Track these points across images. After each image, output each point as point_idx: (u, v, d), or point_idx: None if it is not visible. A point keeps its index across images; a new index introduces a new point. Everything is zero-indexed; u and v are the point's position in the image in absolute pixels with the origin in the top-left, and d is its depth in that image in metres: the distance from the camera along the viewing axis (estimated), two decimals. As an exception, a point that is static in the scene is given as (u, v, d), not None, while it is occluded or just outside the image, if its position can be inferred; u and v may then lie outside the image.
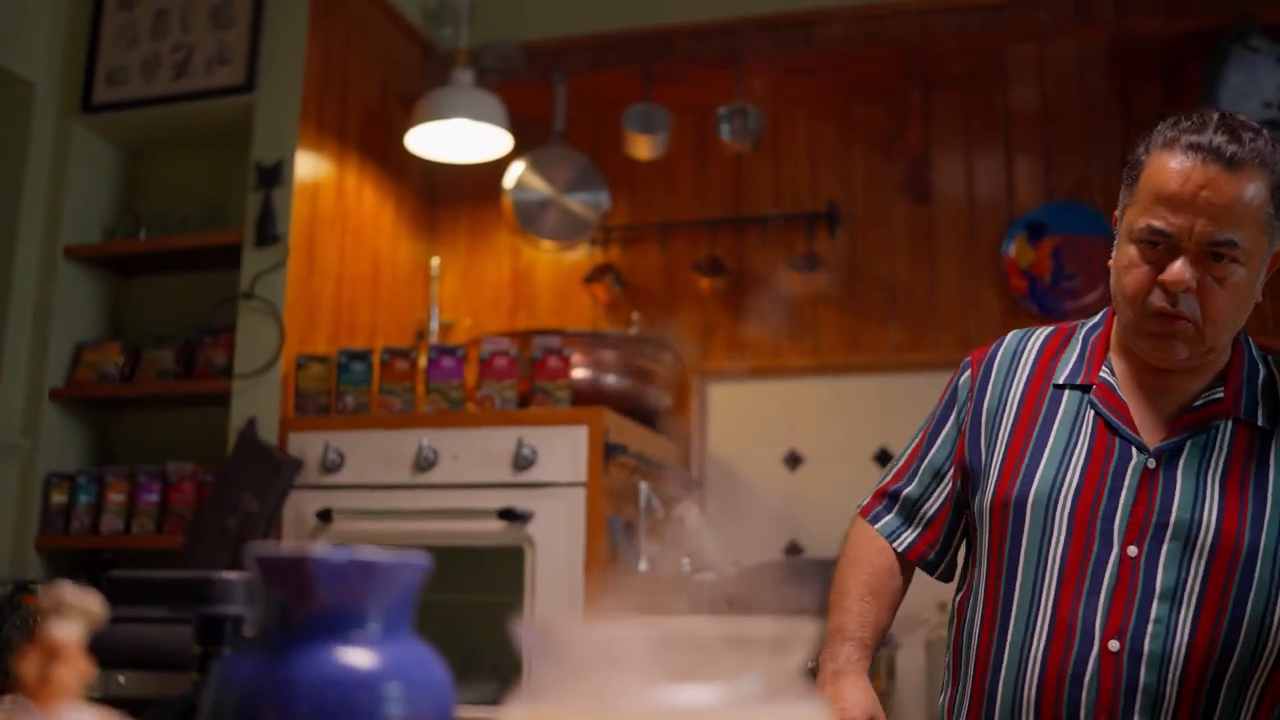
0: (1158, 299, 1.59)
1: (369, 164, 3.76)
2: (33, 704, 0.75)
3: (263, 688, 0.84)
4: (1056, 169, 3.67)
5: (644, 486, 3.13)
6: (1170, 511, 1.59)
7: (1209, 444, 1.63)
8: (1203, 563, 1.57)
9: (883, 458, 3.54)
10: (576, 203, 3.89)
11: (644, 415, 3.38)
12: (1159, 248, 1.58)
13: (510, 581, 2.95)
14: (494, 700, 3.07)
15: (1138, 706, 1.56)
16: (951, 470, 1.81)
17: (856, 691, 1.69)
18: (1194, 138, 1.57)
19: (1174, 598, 1.56)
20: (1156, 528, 1.59)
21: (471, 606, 3.06)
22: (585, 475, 2.94)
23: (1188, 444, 1.63)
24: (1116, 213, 1.71)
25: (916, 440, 1.87)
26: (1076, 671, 1.58)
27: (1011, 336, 1.85)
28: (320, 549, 0.88)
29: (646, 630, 0.85)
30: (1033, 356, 1.79)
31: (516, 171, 3.86)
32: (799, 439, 3.71)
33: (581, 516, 2.92)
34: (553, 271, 3.99)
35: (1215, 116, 1.60)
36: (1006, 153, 3.72)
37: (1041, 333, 1.83)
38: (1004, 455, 1.72)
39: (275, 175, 3.33)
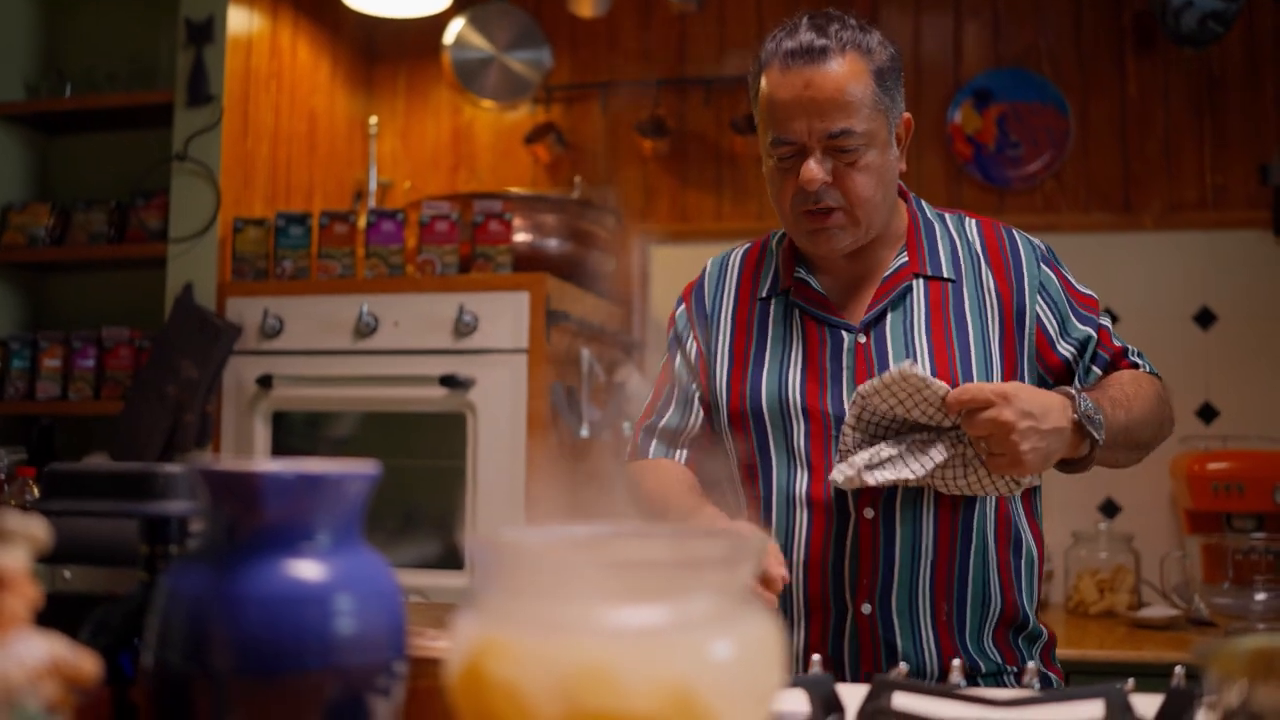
0: (801, 200, 1.70)
1: (303, 19, 3.65)
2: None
3: (211, 603, 0.84)
4: (1005, 35, 3.64)
5: (586, 353, 3.14)
6: None
7: (907, 307, 1.75)
8: None
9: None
10: (518, 61, 3.81)
11: (586, 279, 3.37)
12: (790, 155, 1.69)
13: (453, 446, 2.97)
14: (435, 562, 3.12)
15: (897, 562, 1.69)
16: (698, 395, 1.87)
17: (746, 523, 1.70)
18: (787, 44, 1.68)
19: None
20: None
21: (414, 470, 3.08)
22: (527, 342, 2.94)
23: (888, 313, 1.75)
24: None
25: (659, 377, 1.95)
26: (839, 541, 1.70)
27: (711, 264, 1.95)
28: (267, 464, 0.88)
29: (597, 551, 0.87)
30: (734, 276, 1.90)
31: (456, 28, 3.77)
32: (740, 302, 3.71)
33: (523, 383, 2.93)
34: (493, 130, 3.92)
35: (805, 18, 1.71)
36: (955, 16, 3.68)
37: (737, 253, 1.94)
38: (729, 372, 1.81)
39: (206, 32, 3.22)
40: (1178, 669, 1.38)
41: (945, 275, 1.77)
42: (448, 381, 2.92)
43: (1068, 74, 3.58)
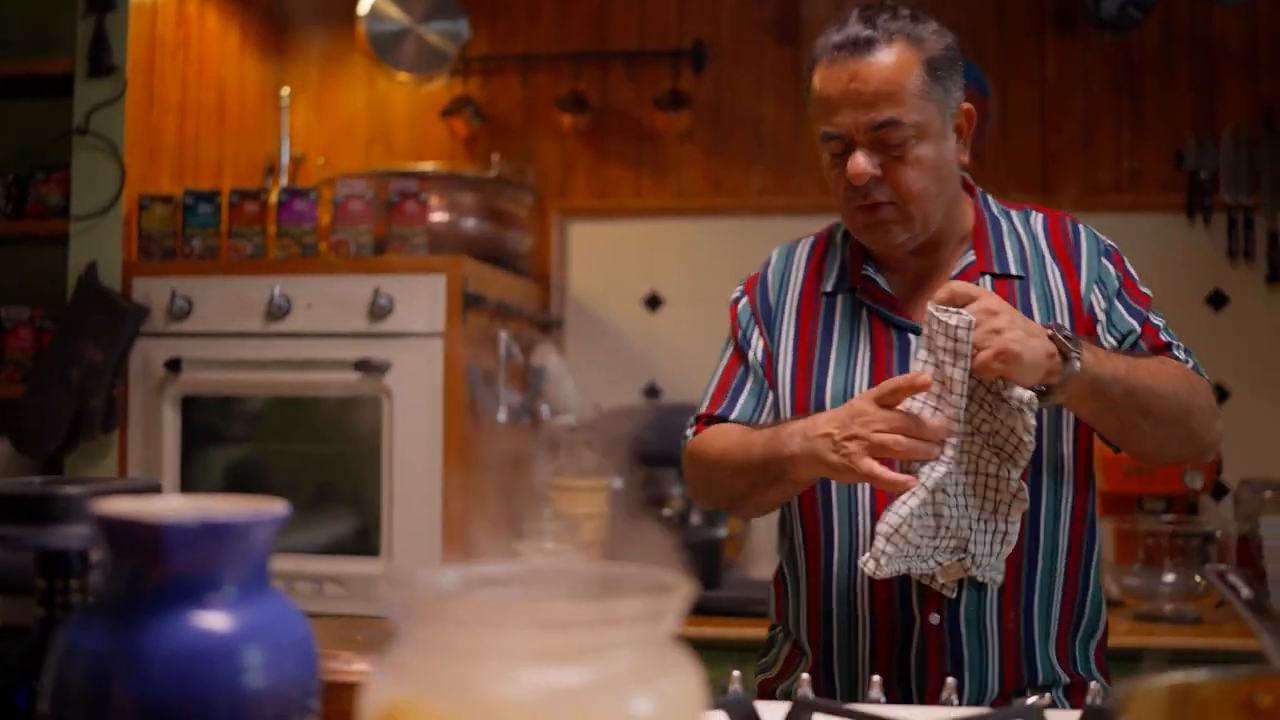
0: (853, 195, 1.68)
1: (211, -15, 3.53)
2: None
3: (112, 661, 0.80)
4: (928, 14, 3.62)
5: (503, 335, 3.10)
6: None
7: None
8: None
9: (743, 302, 3.56)
10: (434, 33, 3.73)
11: (504, 259, 3.33)
12: (840, 150, 1.68)
13: (369, 431, 2.92)
14: (350, 548, 3.07)
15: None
16: (767, 387, 1.83)
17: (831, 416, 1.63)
18: (836, 38, 1.67)
19: None
20: None
21: (329, 455, 3.03)
22: (443, 325, 2.89)
23: None
24: None
25: (724, 369, 1.89)
26: None
27: (775, 254, 1.92)
28: (169, 512, 0.83)
29: (515, 609, 0.84)
30: (801, 269, 1.86)
31: (371, -2, 3.68)
32: (659, 280, 3.70)
33: (439, 367, 2.88)
34: (410, 102, 3.84)
35: (858, 9, 1.70)
36: (876, -5, 3.66)
37: (805, 244, 1.90)
38: (793, 370, 1.78)
39: (108, -1, 3.10)
40: (1093, 684, 1.40)
41: (1013, 273, 1.74)
42: (362, 366, 2.87)
43: (989, 55, 3.58)
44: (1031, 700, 1.53)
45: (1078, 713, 1.22)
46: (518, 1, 3.77)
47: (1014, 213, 1.82)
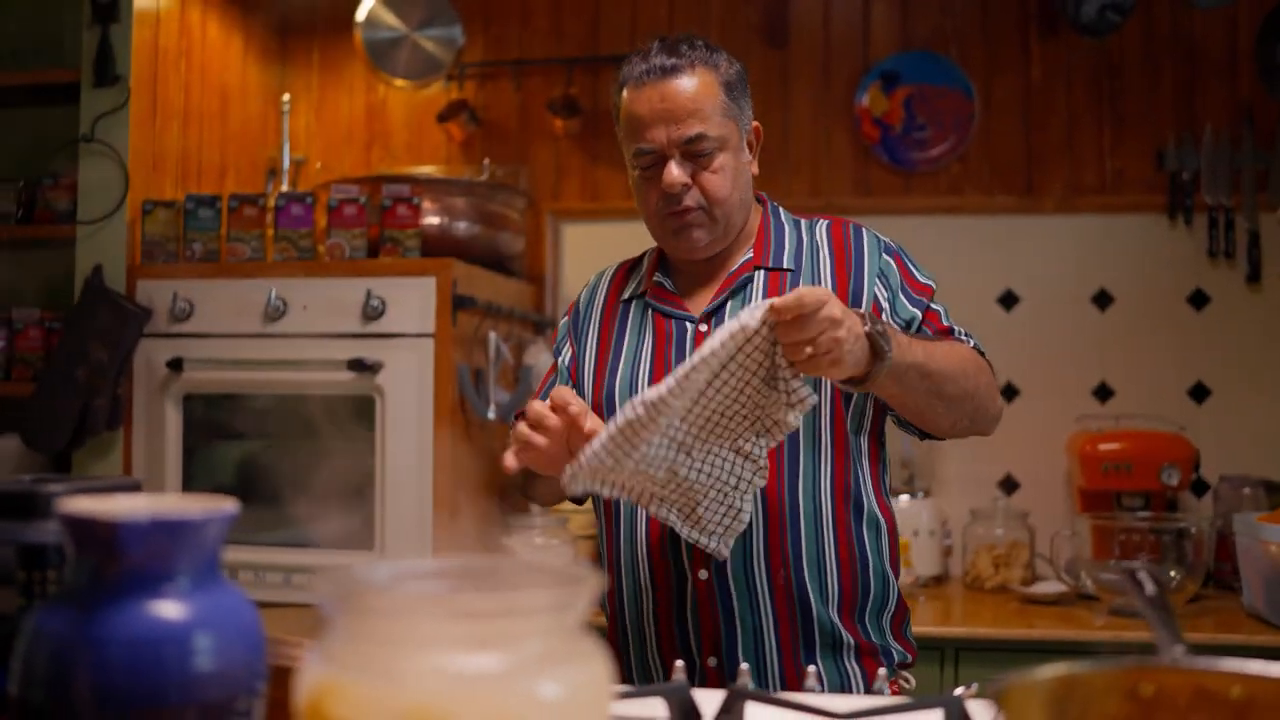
0: (664, 204, 1.86)
1: (214, -6, 3.63)
2: None
3: (74, 646, 0.88)
4: (914, 17, 3.69)
5: (493, 335, 3.18)
6: None
7: (746, 296, 1.91)
8: None
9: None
10: (429, 40, 3.81)
11: (496, 261, 3.41)
12: (652, 165, 1.86)
13: (363, 429, 3.00)
14: (345, 543, 3.14)
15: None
16: (574, 390, 1.98)
17: None
18: (642, 66, 1.86)
19: None
20: None
21: (324, 453, 3.11)
22: (434, 327, 2.98)
23: (728, 303, 1.91)
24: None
25: (546, 371, 2.14)
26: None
27: (594, 276, 2.15)
28: (124, 509, 0.92)
29: (436, 600, 0.92)
30: (606, 284, 2.09)
31: (368, 6, 3.76)
32: (653, 280, 3.76)
33: (430, 367, 2.97)
34: (407, 107, 3.93)
35: (657, 42, 1.89)
36: (863, -2, 3.73)
37: (615, 265, 2.13)
38: (594, 370, 1.99)
39: (112, 10, 3.19)
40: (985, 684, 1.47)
41: (785, 266, 1.92)
42: (355, 365, 2.95)
43: (973, 58, 3.65)
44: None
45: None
46: (511, 7, 3.85)
47: (802, 221, 2.00)
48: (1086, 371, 3.55)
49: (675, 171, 1.83)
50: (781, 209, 2.04)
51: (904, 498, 3.36)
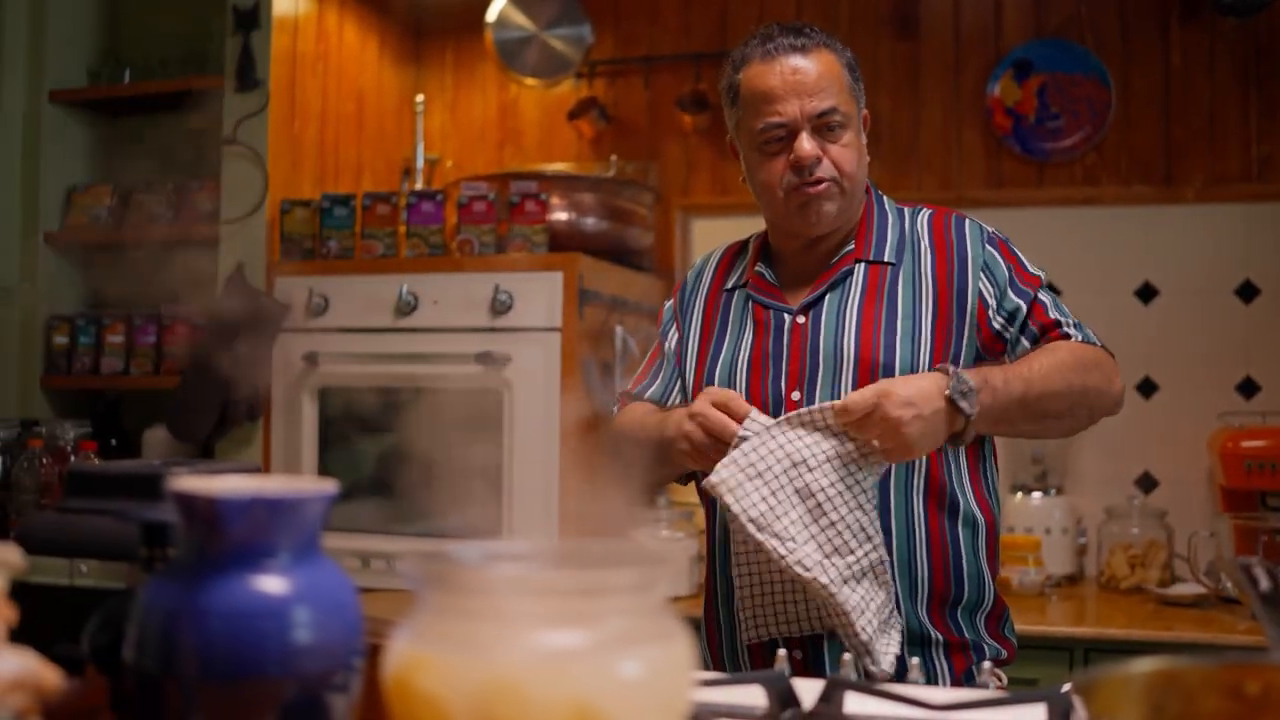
0: (793, 177, 1.85)
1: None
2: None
3: (179, 617, 0.93)
4: (1046, 5, 3.61)
5: (619, 329, 3.21)
6: (818, 352, 1.85)
7: (846, 289, 1.90)
8: (849, 386, 1.80)
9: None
10: (558, 39, 3.86)
11: (623, 256, 3.44)
12: (781, 140, 1.85)
13: (491, 422, 3.06)
14: (473, 534, 3.20)
15: None
16: (676, 371, 2.04)
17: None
18: (768, 45, 1.87)
19: None
20: (810, 369, 1.85)
21: (453, 445, 3.17)
22: (560, 321, 3.02)
23: (826, 295, 1.90)
24: (729, 136, 1.99)
25: (648, 357, 2.12)
26: None
27: (700, 259, 2.14)
28: (226, 487, 0.96)
29: (520, 578, 0.94)
30: (711, 271, 2.08)
31: (499, 6, 3.82)
32: (781, 275, 3.75)
33: (556, 361, 3.01)
34: (539, 105, 3.98)
35: (778, 26, 1.90)
36: (994, -13, 3.66)
37: (719, 250, 2.12)
38: (695, 361, 2.00)
39: (253, 18, 3.31)
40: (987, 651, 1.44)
41: (886, 259, 1.91)
42: (483, 359, 3.01)
43: (1110, 44, 3.55)
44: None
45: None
46: (640, 5, 3.88)
47: (906, 211, 1.98)
48: (1230, 366, 3.43)
49: (808, 144, 1.82)
50: (886, 198, 2.02)
51: (1036, 495, 3.29)
